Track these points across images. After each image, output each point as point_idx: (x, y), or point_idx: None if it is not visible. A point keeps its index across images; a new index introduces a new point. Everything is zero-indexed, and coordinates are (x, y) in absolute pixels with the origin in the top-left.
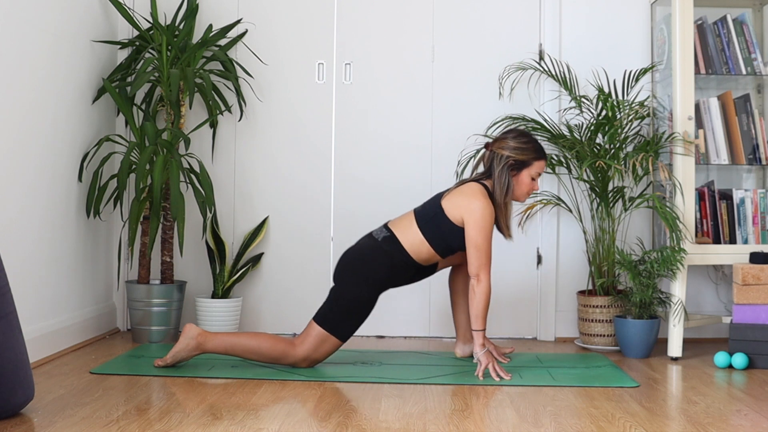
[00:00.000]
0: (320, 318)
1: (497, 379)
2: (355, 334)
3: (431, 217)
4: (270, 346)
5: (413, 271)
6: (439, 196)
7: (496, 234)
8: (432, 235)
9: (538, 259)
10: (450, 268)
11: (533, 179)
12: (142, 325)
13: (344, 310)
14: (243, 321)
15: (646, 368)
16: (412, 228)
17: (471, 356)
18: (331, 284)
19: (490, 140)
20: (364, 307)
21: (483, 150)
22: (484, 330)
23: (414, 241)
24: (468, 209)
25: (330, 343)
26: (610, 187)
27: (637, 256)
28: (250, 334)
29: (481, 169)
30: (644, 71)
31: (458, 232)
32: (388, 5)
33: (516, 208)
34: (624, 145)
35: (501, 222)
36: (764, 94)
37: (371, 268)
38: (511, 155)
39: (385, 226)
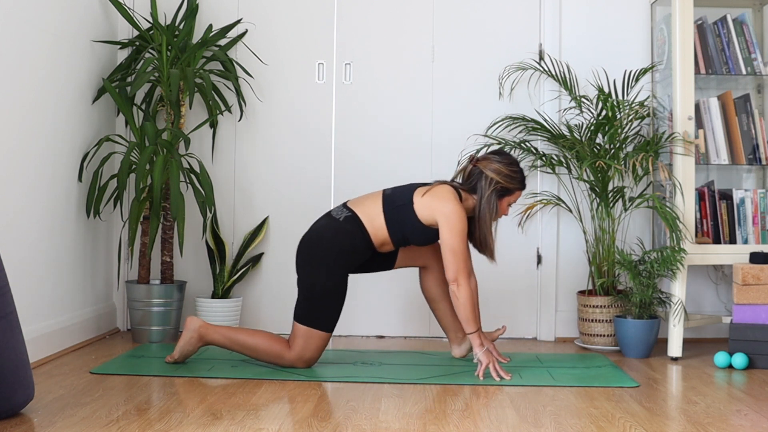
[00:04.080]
0: (298, 315)
1: (497, 378)
2: (354, 333)
3: (399, 205)
4: (267, 347)
5: (369, 254)
6: (412, 188)
7: (498, 231)
8: (393, 222)
9: (538, 259)
10: (419, 271)
11: (509, 205)
12: (142, 325)
13: (317, 300)
14: (243, 321)
15: (646, 368)
16: (376, 209)
17: (468, 354)
18: None
19: (476, 155)
20: (336, 293)
21: (467, 163)
22: (478, 330)
23: (375, 223)
24: (441, 212)
25: (317, 338)
26: (610, 187)
27: (637, 256)
28: (249, 332)
29: (459, 179)
30: (644, 71)
31: (420, 229)
32: (388, 5)
33: (515, 209)
34: (624, 145)
35: (485, 242)
36: (764, 94)
37: (332, 251)
38: (501, 181)
39: (345, 205)
